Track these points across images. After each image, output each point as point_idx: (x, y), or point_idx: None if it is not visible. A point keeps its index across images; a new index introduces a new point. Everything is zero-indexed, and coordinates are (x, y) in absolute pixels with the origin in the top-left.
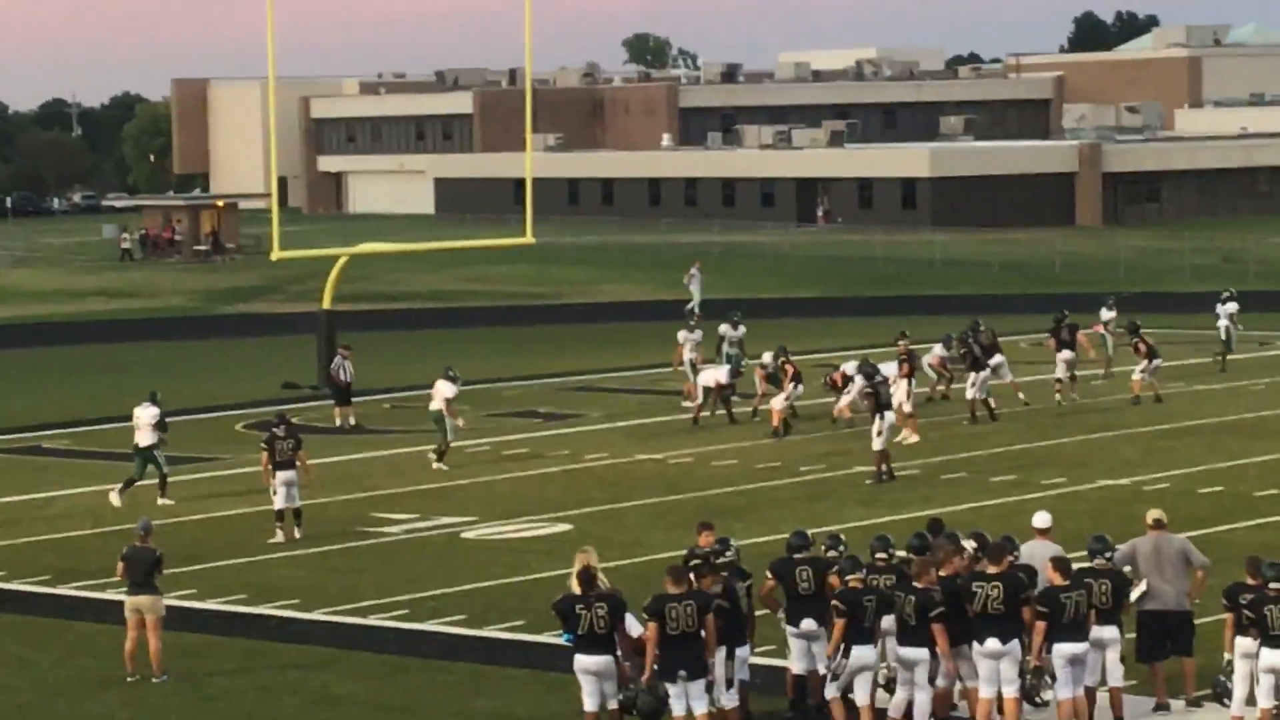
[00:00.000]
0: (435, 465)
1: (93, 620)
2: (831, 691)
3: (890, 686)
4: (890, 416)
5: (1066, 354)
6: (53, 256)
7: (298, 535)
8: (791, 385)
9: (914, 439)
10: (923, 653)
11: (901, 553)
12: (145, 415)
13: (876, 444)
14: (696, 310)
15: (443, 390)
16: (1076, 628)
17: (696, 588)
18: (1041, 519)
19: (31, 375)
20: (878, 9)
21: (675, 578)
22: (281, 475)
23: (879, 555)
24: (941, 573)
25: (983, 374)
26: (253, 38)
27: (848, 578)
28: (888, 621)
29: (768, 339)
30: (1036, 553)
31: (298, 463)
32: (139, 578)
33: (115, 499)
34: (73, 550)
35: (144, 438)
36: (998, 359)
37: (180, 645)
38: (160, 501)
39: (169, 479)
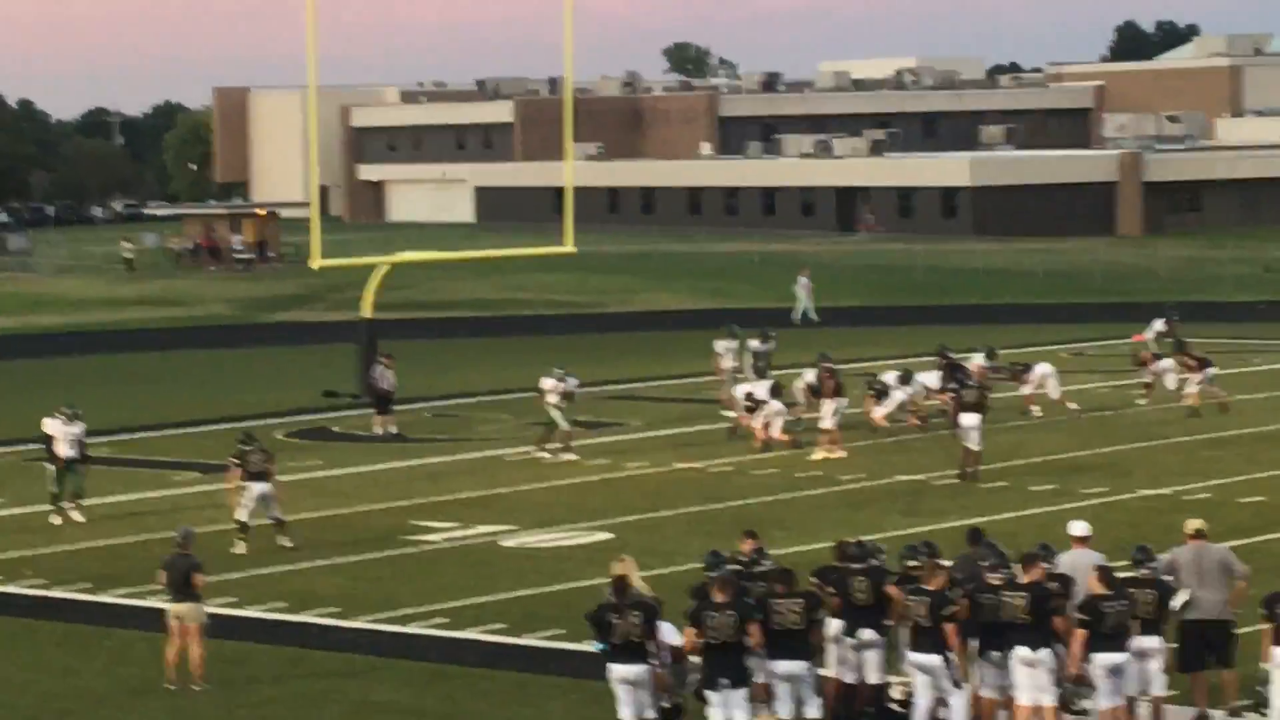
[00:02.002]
0: (564, 456)
1: (134, 628)
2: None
3: (908, 702)
4: (968, 419)
5: (1167, 363)
6: (94, 265)
7: (289, 544)
8: (834, 400)
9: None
10: (936, 658)
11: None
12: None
13: (972, 443)
14: (813, 317)
15: (543, 385)
16: (1117, 638)
17: (741, 597)
18: (1079, 527)
19: (73, 383)
20: (918, 18)
21: (721, 586)
22: (256, 487)
23: (910, 564)
24: (928, 587)
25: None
26: (293, 47)
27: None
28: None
29: (807, 349)
30: (1078, 561)
31: (271, 476)
32: (179, 585)
33: (56, 520)
34: (114, 558)
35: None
36: (1045, 368)
37: (221, 653)
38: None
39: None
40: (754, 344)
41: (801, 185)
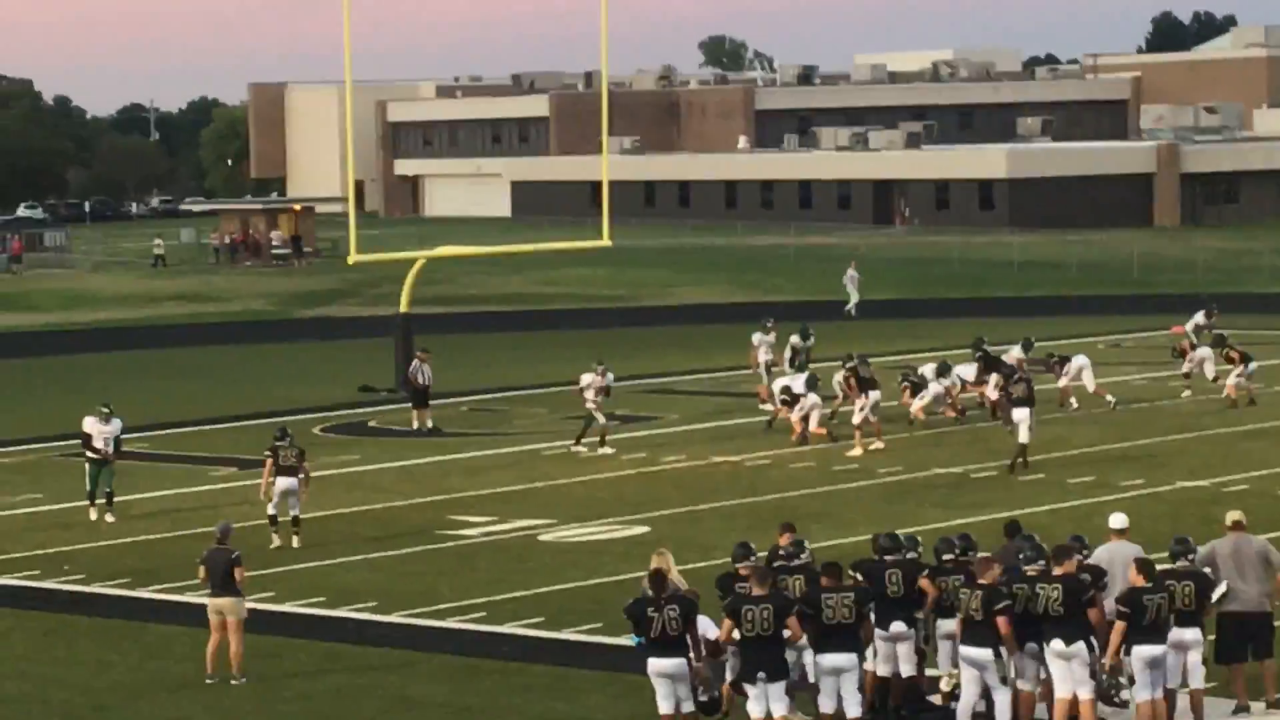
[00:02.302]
0: (601, 450)
1: (172, 623)
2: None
3: (956, 693)
4: (1019, 413)
5: (1205, 351)
6: (131, 260)
7: (296, 544)
8: (862, 396)
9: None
10: (988, 652)
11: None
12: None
13: (1023, 436)
14: (853, 311)
15: (582, 380)
16: (1156, 630)
17: (778, 589)
18: (1118, 520)
19: (110, 379)
20: (954, 10)
21: (759, 579)
22: (282, 482)
23: (945, 557)
24: (982, 581)
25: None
26: (329, 42)
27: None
28: (954, 625)
29: (844, 343)
30: (1116, 554)
31: (300, 473)
32: (219, 580)
33: (93, 515)
34: (152, 553)
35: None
36: (1080, 360)
37: (259, 647)
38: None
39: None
40: (794, 340)
41: (838, 178)
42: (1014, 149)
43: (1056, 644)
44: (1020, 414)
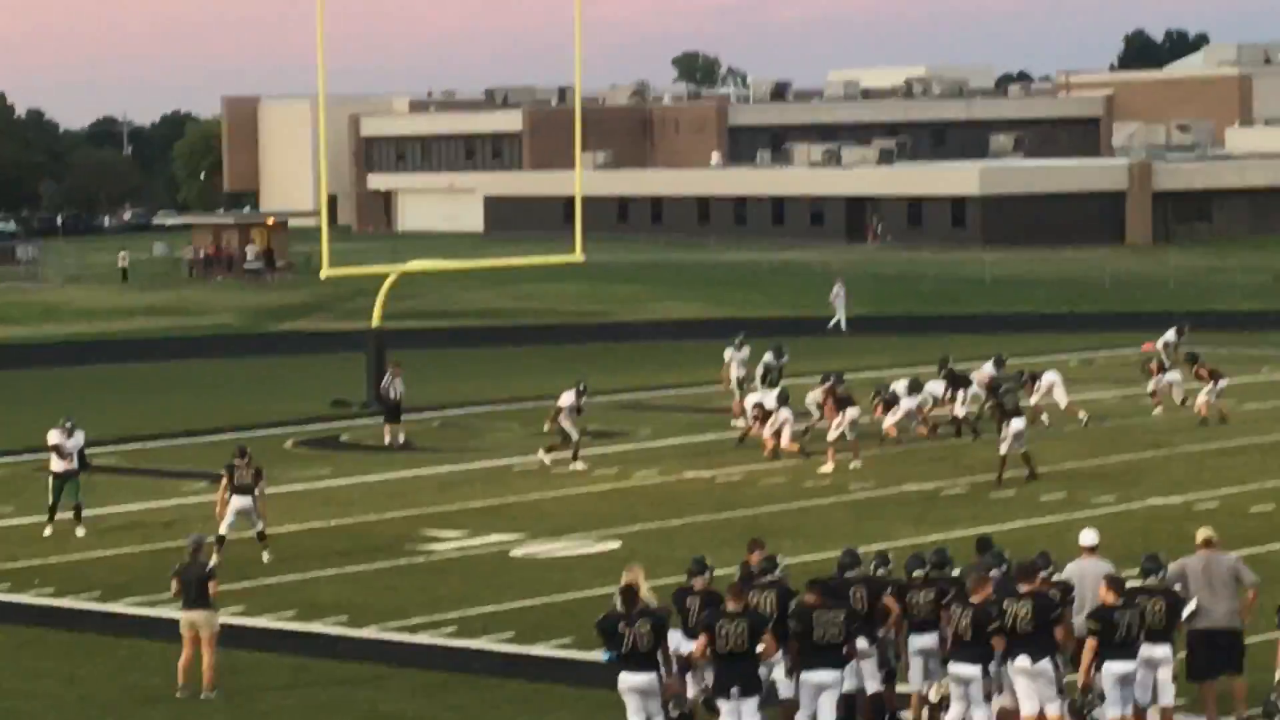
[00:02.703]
0: (572, 465)
1: (142, 637)
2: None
3: (945, 704)
4: (1018, 423)
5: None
6: (103, 274)
7: (265, 559)
8: (838, 414)
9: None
10: (976, 669)
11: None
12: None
13: (1002, 448)
14: (842, 326)
15: (563, 401)
16: (1127, 647)
17: (753, 607)
18: (1089, 537)
19: (81, 392)
20: (927, 27)
21: (734, 595)
22: (237, 501)
23: (915, 573)
24: (973, 599)
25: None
26: (303, 56)
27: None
28: (928, 641)
29: (817, 358)
30: (1087, 570)
31: (255, 491)
32: (192, 593)
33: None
34: (123, 567)
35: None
36: (1051, 376)
37: (230, 662)
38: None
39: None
40: (767, 356)
41: (811, 195)
42: (986, 166)
43: (1022, 660)
44: (1017, 425)
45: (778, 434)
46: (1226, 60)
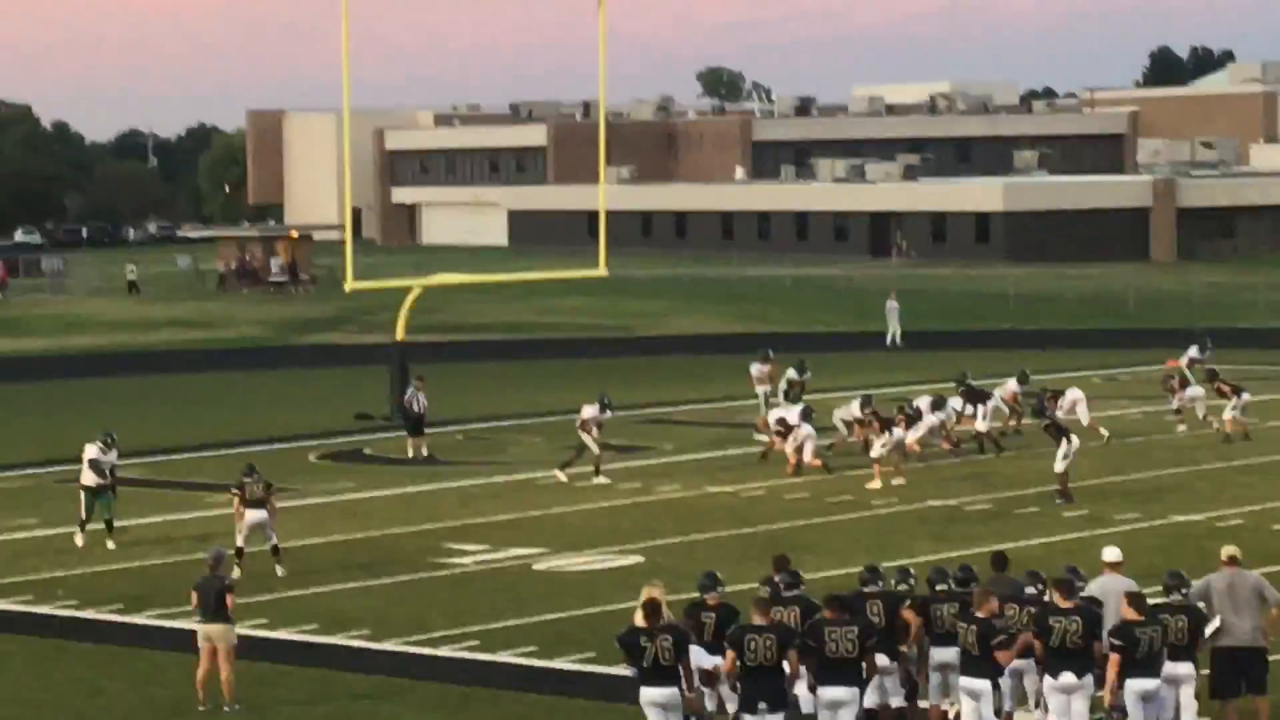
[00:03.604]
0: (595, 480)
1: (165, 648)
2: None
3: None
4: (1076, 441)
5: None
6: (128, 287)
7: (280, 573)
8: (885, 433)
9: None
10: (985, 684)
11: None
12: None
13: (1059, 465)
14: (898, 341)
15: (585, 413)
16: (1150, 664)
17: (780, 621)
18: (1111, 553)
19: (106, 405)
20: (951, 43)
21: (761, 610)
22: (251, 515)
23: (939, 587)
24: (979, 614)
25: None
26: (327, 69)
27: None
28: (949, 655)
29: (839, 373)
30: (1109, 587)
31: (268, 505)
32: (210, 606)
33: (80, 541)
34: (145, 579)
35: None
36: (1074, 394)
37: (252, 674)
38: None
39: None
40: (790, 372)
41: (835, 210)
42: (1010, 182)
43: (1067, 677)
44: (1076, 441)
45: (800, 449)
46: (1251, 78)
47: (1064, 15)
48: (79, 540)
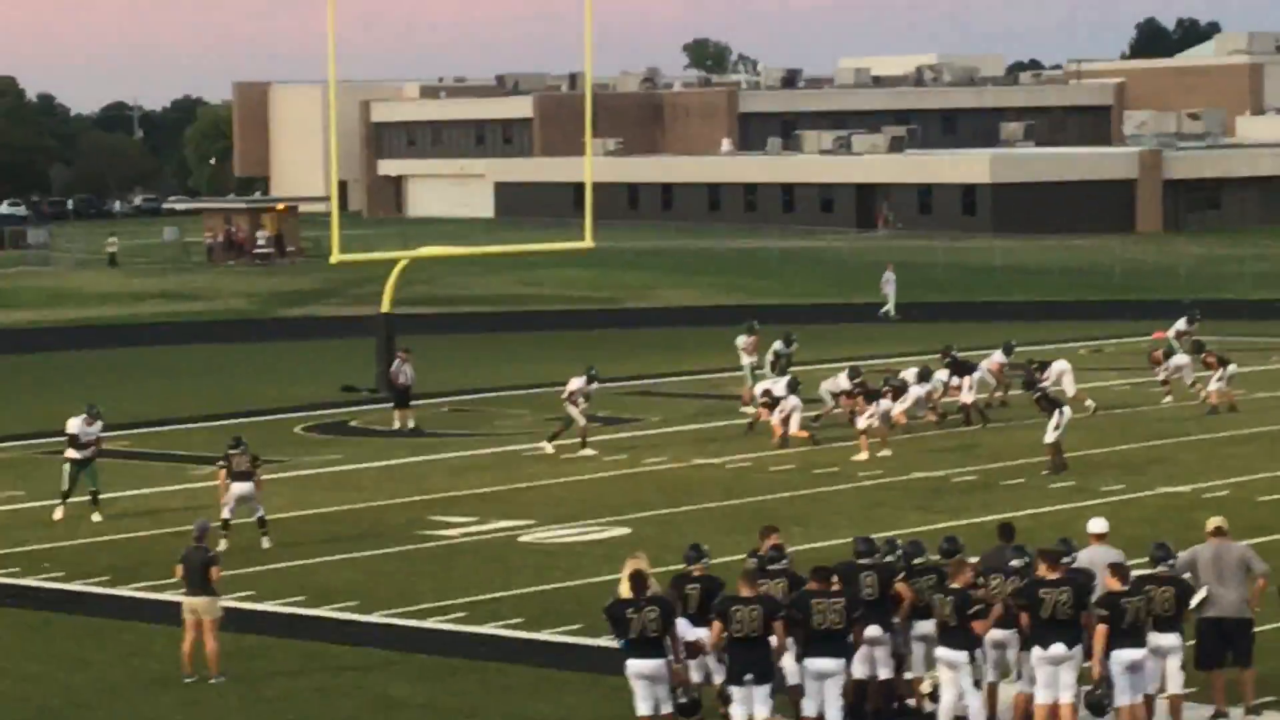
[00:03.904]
0: (581, 451)
1: (152, 621)
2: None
3: (936, 694)
4: (1068, 412)
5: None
6: (109, 259)
7: (266, 545)
8: (872, 405)
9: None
10: (963, 655)
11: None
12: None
13: (1049, 436)
14: (891, 313)
15: (572, 385)
16: (1135, 633)
17: (766, 593)
18: (1098, 524)
19: (92, 377)
20: (937, 14)
21: (747, 581)
22: (237, 487)
23: (915, 560)
24: (954, 585)
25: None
26: (313, 41)
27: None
28: (929, 626)
29: (826, 345)
30: (1096, 558)
31: (254, 478)
32: (195, 579)
33: (59, 515)
34: (132, 551)
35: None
36: (1060, 365)
37: (238, 646)
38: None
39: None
40: (777, 345)
41: (821, 182)
42: (997, 154)
43: (1058, 648)
44: (1069, 412)
45: (786, 421)
46: (1238, 49)
47: None
48: (58, 514)
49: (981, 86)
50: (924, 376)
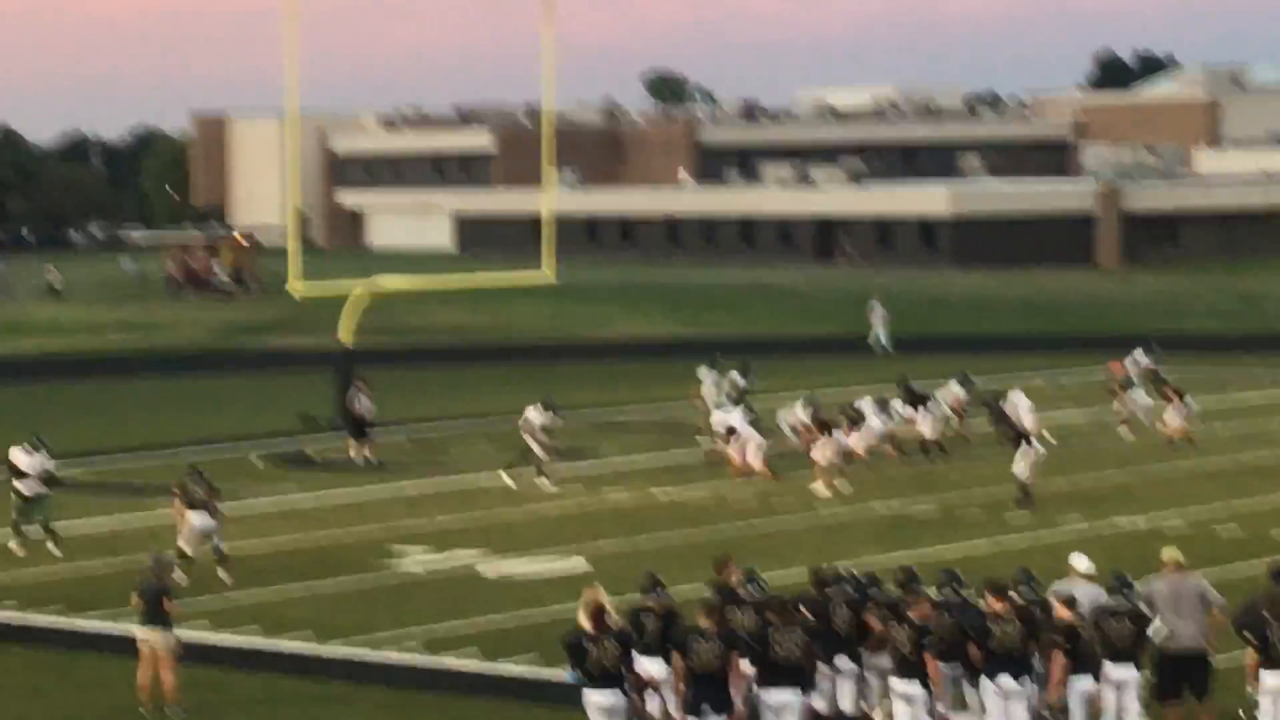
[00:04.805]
0: (537, 480)
1: (107, 652)
2: None
3: None
4: (1041, 450)
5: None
6: (72, 290)
7: (227, 580)
8: (826, 435)
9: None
10: (917, 686)
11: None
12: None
13: (1019, 469)
14: (883, 346)
15: (528, 414)
16: (1089, 664)
17: (727, 626)
18: (1082, 561)
19: (49, 408)
20: (893, 44)
21: (706, 612)
22: (194, 519)
23: (871, 591)
24: (911, 616)
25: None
26: (272, 70)
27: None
28: (879, 660)
29: (786, 377)
30: (1091, 595)
31: (210, 508)
32: (151, 610)
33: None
34: (87, 582)
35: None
36: (1016, 397)
37: (195, 679)
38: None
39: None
40: (732, 375)
41: (780, 215)
42: (957, 188)
43: (1004, 679)
44: (1040, 449)
45: (744, 452)
46: (1195, 83)
47: (1005, 17)
48: (12, 544)
49: (940, 120)
50: (882, 407)
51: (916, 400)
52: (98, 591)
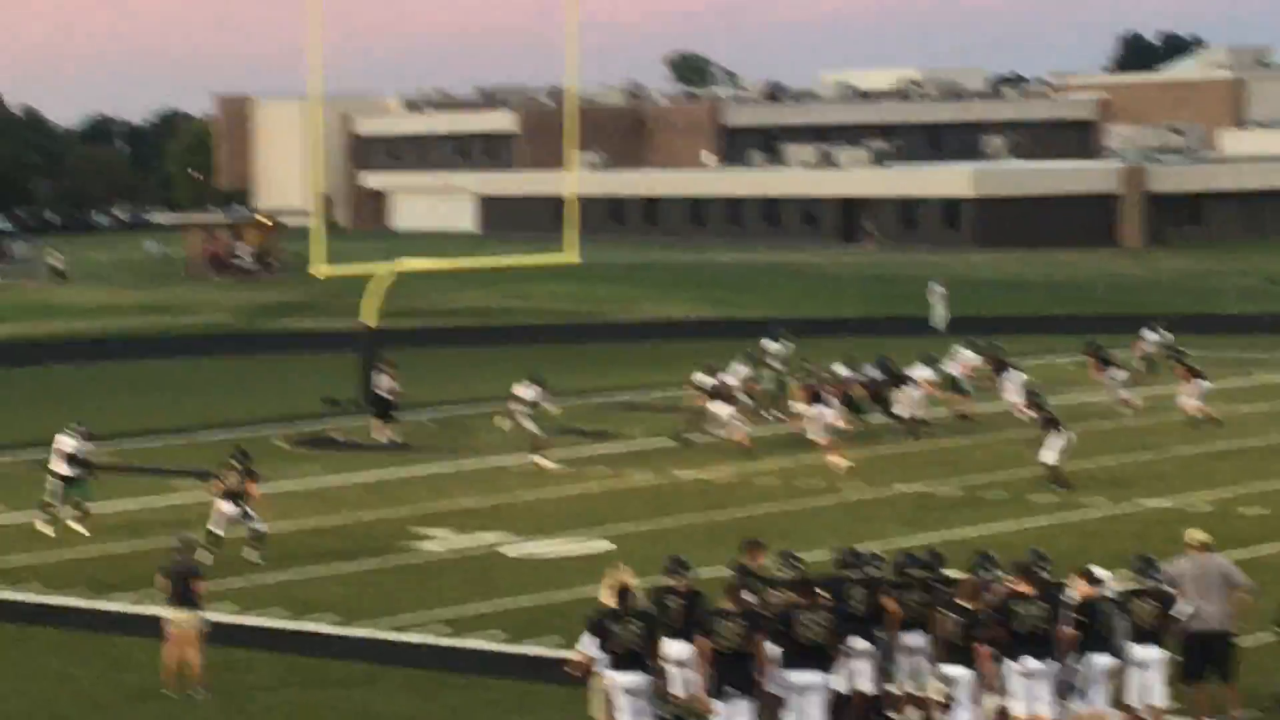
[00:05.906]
0: (536, 458)
1: (134, 634)
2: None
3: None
4: (1073, 436)
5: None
6: (96, 272)
7: (254, 559)
8: (811, 407)
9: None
10: (965, 671)
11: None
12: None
13: (1050, 458)
14: (939, 325)
15: (517, 391)
16: (1109, 642)
17: (751, 607)
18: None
19: (75, 390)
20: (918, 27)
21: (730, 594)
22: (225, 506)
23: (908, 571)
24: (967, 605)
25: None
26: (296, 53)
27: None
28: (918, 639)
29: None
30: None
31: (243, 494)
32: (178, 592)
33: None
34: (115, 564)
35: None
36: (1018, 376)
37: (221, 660)
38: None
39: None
40: (764, 341)
41: (805, 196)
42: (980, 168)
43: (1027, 660)
44: (1072, 435)
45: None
46: (1220, 63)
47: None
48: (38, 524)
49: (965, 101)
50: (854, 368)
51: (896, 380)
52: (123, 574)
